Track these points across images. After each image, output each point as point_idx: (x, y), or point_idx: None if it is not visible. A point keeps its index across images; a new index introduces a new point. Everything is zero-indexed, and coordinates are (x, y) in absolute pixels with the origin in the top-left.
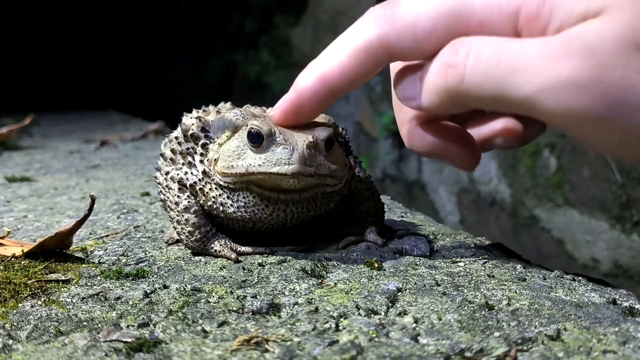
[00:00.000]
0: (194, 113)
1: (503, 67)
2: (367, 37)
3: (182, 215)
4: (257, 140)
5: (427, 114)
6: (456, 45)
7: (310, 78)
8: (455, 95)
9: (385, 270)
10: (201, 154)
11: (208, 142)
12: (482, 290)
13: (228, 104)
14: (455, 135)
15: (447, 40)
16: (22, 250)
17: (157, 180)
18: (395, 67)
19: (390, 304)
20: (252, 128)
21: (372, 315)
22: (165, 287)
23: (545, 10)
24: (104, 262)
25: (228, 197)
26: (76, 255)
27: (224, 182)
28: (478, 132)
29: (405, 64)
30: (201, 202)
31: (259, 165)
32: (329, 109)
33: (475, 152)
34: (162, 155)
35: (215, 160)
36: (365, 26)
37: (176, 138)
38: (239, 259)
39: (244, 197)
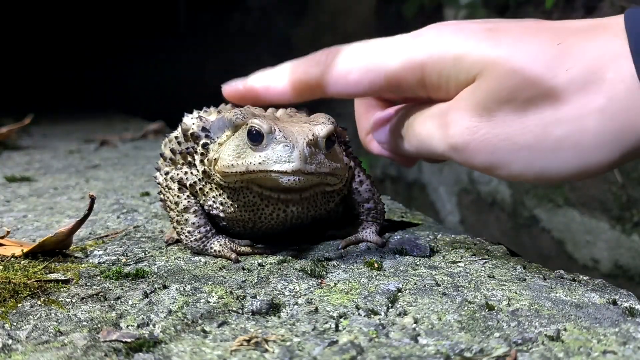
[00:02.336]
0: (195, 113)
1: (425, 142)
2: (309, 77)
3: (182, 215)
4: (257, 139)
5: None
6: (405, 124)
7: (259, 84)
8: (412, 154)
9: (385, 270)
10: (201, 154)
11: (208, 142)
12: (482, 290)
13: (229, 105)
14: None
15: (370, 88)
16: (22, 250)
17: (157, 181)
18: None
19: (390, 304)
20: (252, 127)
21: (372, 315)
22: (164, 287)
23: (442, 81)
24: (103, 262)
25: (228, 197)
26: (76, 255)
27: (224, 181)
28: None
29: (381, 114)
30: (201, 202)
31: (259, 163)
32: (329, 109)
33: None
34: (161, 155)
35: (215, 159)
36: (309, 67)
37: (176, 138)
38: (239, 259)
39: (244, 197)
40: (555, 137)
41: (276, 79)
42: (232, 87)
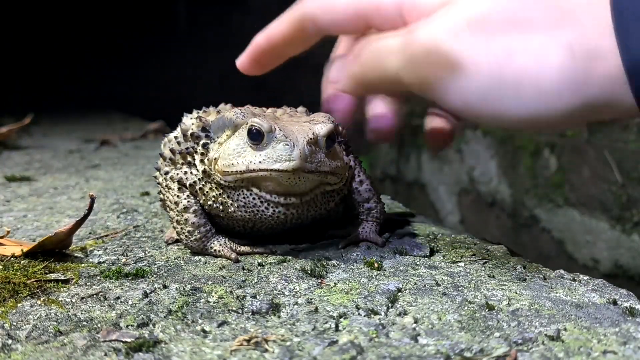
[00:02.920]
0: (194, 113)
1: (378, 56)
2: (302, 10)
3: (182, 215)
4: (257, 138)
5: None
6: (361, 41)
7: (262, 37)
8: (358, 79)
9: (385, 270)
10: (202, 154)
11: (208, 142)
12: (482, 290)
13: (228, 106)
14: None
15: (356, 20)
16: (22, 250)
17: (157, 180)
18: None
19: (390, 304)
20: (252, 125)
21: (372, 315)
22: (164, 286)
23: (418, 2)
24: (103, 262)
25: (228, 197)
26: (75, 255)
27: (225, 181)
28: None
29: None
30: (201, 201)
31: (259, 162)
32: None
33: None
34: (161, 155)
35: (215, 159)
36: (303, 3)
37: (175, 138)
38: (239, 258)
39: (244, 197)
40: (517, 66)
41: (274, 25)
42: (243, 58)
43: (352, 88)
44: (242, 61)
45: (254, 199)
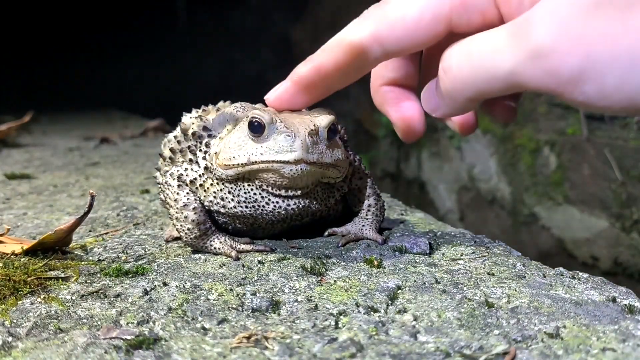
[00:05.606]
0: (194, 113)
1: (480, 58)
2: (362, 34)
3: (182, 213)
4: (258, 130)
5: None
6: (446, 52)
7: (307, 68)
8: (459, 93)
9: (385, 267)
10: (204, 152)
11: (210, 140)
12: (481, 288)
13: (227, 103)
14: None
15: (435, 26)
16: (22, 248)
17: (157, 180)
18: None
19: (389, 302)
20: (253, 118)
21: (372, 312)
22: (164, 284)
23: None
24: (103, 260)
25: (229, 192)
26: (76, 252)
27: (226, 175)
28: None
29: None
30: (201, 198)
31: (261, 154)
32: (329, 106)
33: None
34: (161, 155)
35: (216, 153)
36: (360, 24)
37: (175, 137)
38: (239, 256)
39: (245, 192)
40: None
41: (325, 54)
42: (278, 91)
43: (454, 107)
44: (278, 95)
45: (255, 192)
